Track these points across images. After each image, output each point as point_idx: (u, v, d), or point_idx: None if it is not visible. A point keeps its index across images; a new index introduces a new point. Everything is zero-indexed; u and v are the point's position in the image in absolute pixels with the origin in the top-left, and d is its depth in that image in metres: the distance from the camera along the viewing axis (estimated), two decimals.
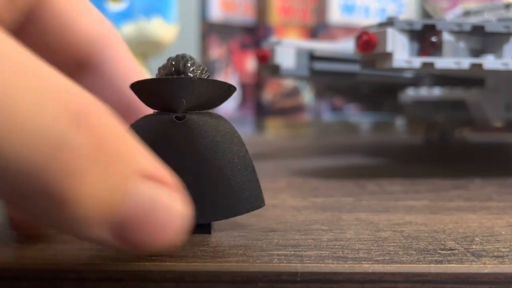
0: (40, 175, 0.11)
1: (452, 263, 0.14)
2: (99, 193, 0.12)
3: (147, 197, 0.13)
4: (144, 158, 0.13)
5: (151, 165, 0.13)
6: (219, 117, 0.17)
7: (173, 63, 0.17)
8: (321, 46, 0.39)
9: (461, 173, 0.31)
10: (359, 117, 0.73)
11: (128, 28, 0.67)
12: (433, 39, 0.25)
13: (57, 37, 0.17)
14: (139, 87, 0.16)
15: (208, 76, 0.17)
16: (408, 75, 0.40)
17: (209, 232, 0.17)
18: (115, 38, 0.19)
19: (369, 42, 0.25)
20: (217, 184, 0.16)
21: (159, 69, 0.18)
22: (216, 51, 0.70)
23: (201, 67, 0.17)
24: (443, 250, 0.15)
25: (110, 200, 0.12)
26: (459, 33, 0.26)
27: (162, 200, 0.13)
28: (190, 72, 0.17)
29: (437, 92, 0.37)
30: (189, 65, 0.17)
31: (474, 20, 0.33)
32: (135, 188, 0.13)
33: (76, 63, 0.18)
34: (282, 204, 0.22)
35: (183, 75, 0.17)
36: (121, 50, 0.19)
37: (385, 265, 0.14)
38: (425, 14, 0.72)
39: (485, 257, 0.15)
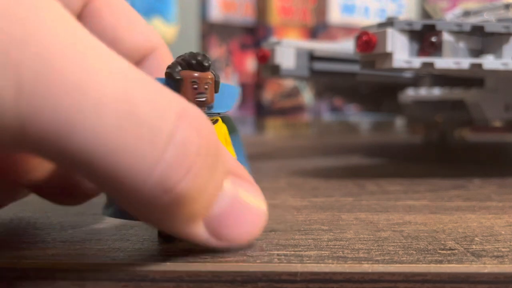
0: (155, 170, 0.12)
1: (452, 263, 0.14)
2: (206, 191, 0.13)
3: (232, 193, 0.14)
4: (229, 157, 0.14)
5: (235, 164, 0.15)
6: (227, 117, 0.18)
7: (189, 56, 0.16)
8: (321, 46, 0.39)
9: (461, 173, 0.31)
10: (359, 117, 0.73)
11: None
12: (433, 39, 0.25)
13: None
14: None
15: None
16: (407, 75, 0.40)
17: None
18: (160, 47, 0.19)
19: (369, 42, 0.25)
20: None
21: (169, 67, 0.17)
22: (216, 51, 0.70)
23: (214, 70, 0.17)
24: (443, 250, 0.15)
25: (212, 197, 0.13)
26: (458, 33, 0.26)
27: (243, 194, 0.14)
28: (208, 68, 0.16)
29: (436, 92, 0.37)
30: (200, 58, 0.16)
31: (474, 20, 0.33)
32: (227, 186, 0.14)
33: None
34: (282, 204, 0.22)
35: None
36: (166, 59, 0.19)
37: (385, 265, 0.14)
38: (425, 14, 0.72)
39: (485, 257, 0.15)
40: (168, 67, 0.16)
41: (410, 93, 0.39)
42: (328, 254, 0.15)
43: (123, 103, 0.11)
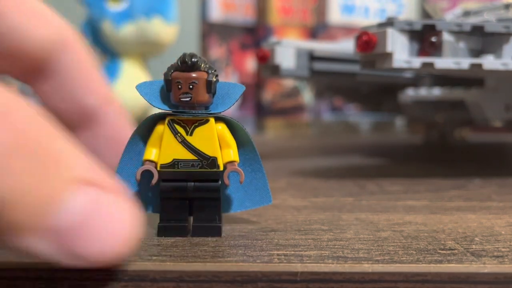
0: None
1: (452, 263, 0.14)
2: (29, 199, 0.11)
3: (86, 204, 0.12)
4: (82, 164, 0.12)
5: (90, 171, 0.12)
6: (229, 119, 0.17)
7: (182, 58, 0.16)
8: (321, 46, 0.39)
9: (461, 173, 0.31)
10: (359, 117, 0.73)
11: (128, 28, 0.67)
12: (433, 39, 0.25)
13: (5, 44, 0.16)
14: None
15: (216, 76, 0.17)
16: (408, 75, 0.40)
17: (219, 235, 0.17)
18: (73, 41, 0.18)
19: (369, 42, 0.25)
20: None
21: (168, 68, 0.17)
22: (216, 51, 0.70)
23: (213, 68, 0.17)
24: (443, 250, 0.15)
25: (47, 206, 0.12)
26: (459, 33, 0.26)
27: (103, 207, 0.12)
28: (202, 68, 0.16)
29: (436, 92, 0.37)
30: (195, 60, 0.16)
31: (474, 20, 0.33)
32: (72, 195, 0.12)
33: (31, 69, 0.17)
34: (282, 204, 0.22)
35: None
36: (79, 53, 0.18)
37: (385, 265, 0.14)
38: (425, 14, 0.72)
39: (484, 257, 0.15)
40: (167, 69, 0.16)
41: (410, 93, 0.39)
42: (328, 254, 0.15)
43: None
